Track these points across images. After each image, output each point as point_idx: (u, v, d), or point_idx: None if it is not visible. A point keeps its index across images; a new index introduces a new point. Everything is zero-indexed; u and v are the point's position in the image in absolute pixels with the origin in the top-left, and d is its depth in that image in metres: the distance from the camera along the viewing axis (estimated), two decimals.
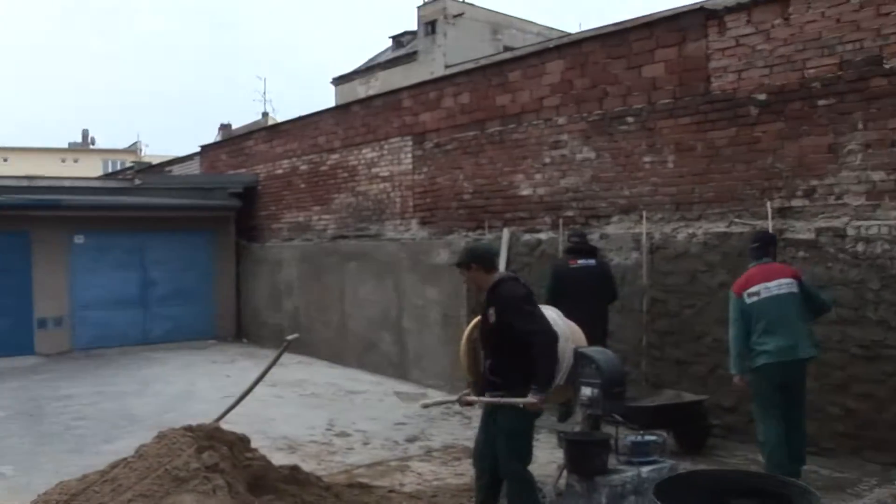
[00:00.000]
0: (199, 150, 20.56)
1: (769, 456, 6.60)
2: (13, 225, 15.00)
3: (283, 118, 19.29)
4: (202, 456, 5.32)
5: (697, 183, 8.59)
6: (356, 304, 13.76)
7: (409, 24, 54.24)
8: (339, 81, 45.45)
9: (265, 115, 45.66)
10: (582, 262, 8.85)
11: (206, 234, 17.37)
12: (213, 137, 37.26)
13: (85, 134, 71.03)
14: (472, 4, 39.73)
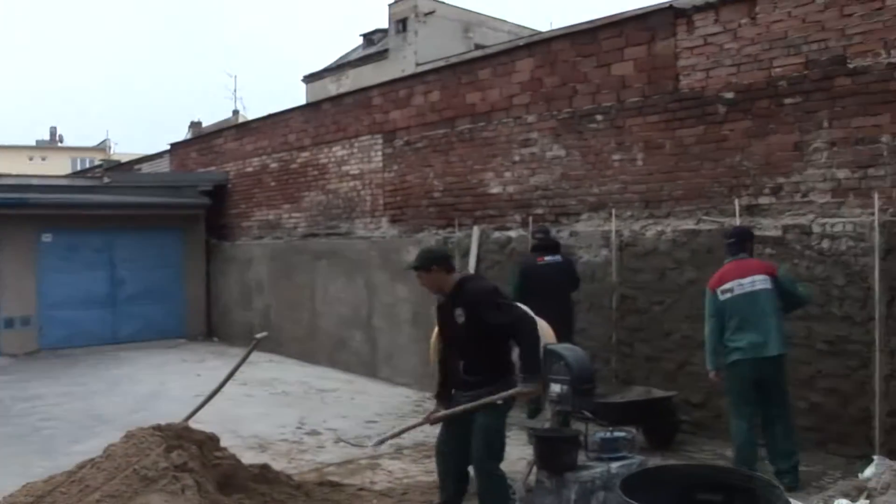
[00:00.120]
0: (168, 147, 20.37)
1: (737, 451, 6.68)
2: None
3: (254, 116, 19.14)
4: (171, 455, 5.29)
5: (666, 181, 8.65)
6: (327, 302, 13.73)
7: (380, 21, 54.29)
8: (309, 79, 45.22)
9: (236, 112, 45.33)
10: (549, 258, 8.89)
11: (175, 232, 17.21)
12: (183, 135, 36.99)
13: (53, 131, 70.20)
14: (443, 2, 39.63)
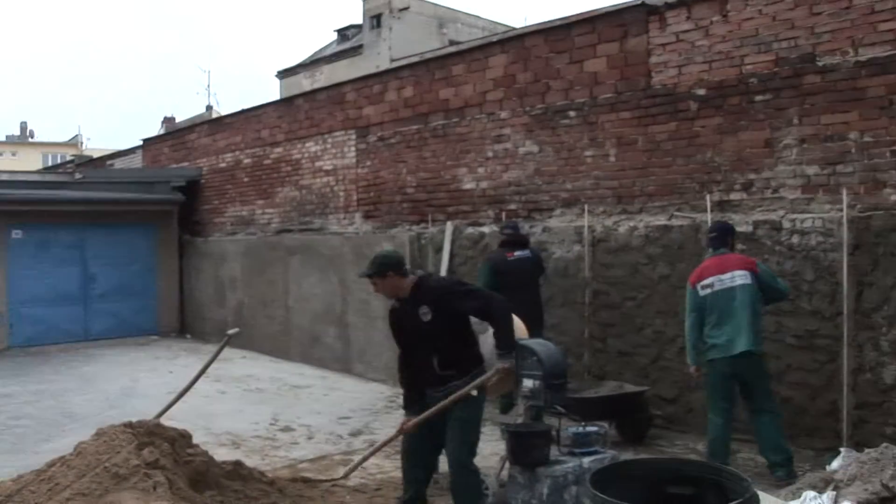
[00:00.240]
0: (141, 143, 20.24)
1: (709, 445, 6.74)
2: None
3: (227, 111, 19.05)
4: (142, 453, 5.26)
5: (638, 176, 8.70)
6: (300, 298, 13.69)
7: (354, 17, 54.10)
8: (283, 75, 45.13)
9: (209, 108, 45.11)
10: (518, 253, 8.89)
11: (148, 228, 17.08)
12: (156, 131, 36.75)
13: (23, 127, 69.53)
14: None
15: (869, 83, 6.98)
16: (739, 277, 6.58)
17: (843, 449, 5.54)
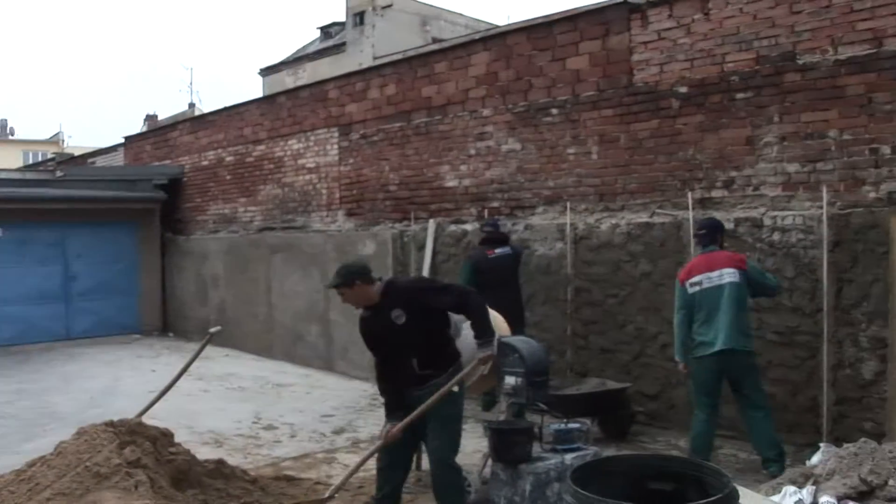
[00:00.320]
0: (123, 141, 20.11)
1: (691, 441, 6.76)
2: None
3: (210, 109, 18.96)
4: (124, 452, 5.24)
5: (620, 174, 8.72)
6: (283, 296, 13.66)
7: (337, 15, 53.91)
8: (266, 72, 44.98)
9: (192, 105, 44.95)
10: (499, 250, 8.92)
11: (130, 226, 16.99)
12: (139, 129, 36.55)
13: (3, 124, 68.89)
14: None
15: (848, 81, 7.03)
16: (728, 275, 6.57)
17: (822, 444, 5.61)
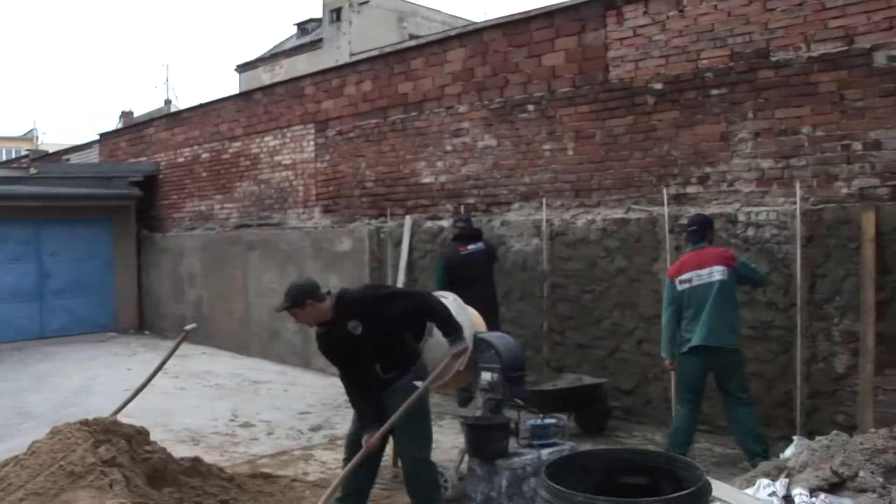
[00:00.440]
0: (98, 137, 19.97)
1: (671, 436, 6.76)
2: None
3: (186, 105, 18.86)
4: (98, 450, 5.21)
5: (596, 170, 8.75)
6: (259, 293, 13.60)
7: (314, 11, 53.81)
8: (243, 68, 44.76)
9: (168, 102, 44.71)
10: (472, 247, 8.94)
11: (105, 224, 16.86)
12: (114, 125, 36.26)
13: None
14: None
15: (820, 78, 7.09)
16: (717, 273, 6.55)
17: (795, 437, 5.64)
